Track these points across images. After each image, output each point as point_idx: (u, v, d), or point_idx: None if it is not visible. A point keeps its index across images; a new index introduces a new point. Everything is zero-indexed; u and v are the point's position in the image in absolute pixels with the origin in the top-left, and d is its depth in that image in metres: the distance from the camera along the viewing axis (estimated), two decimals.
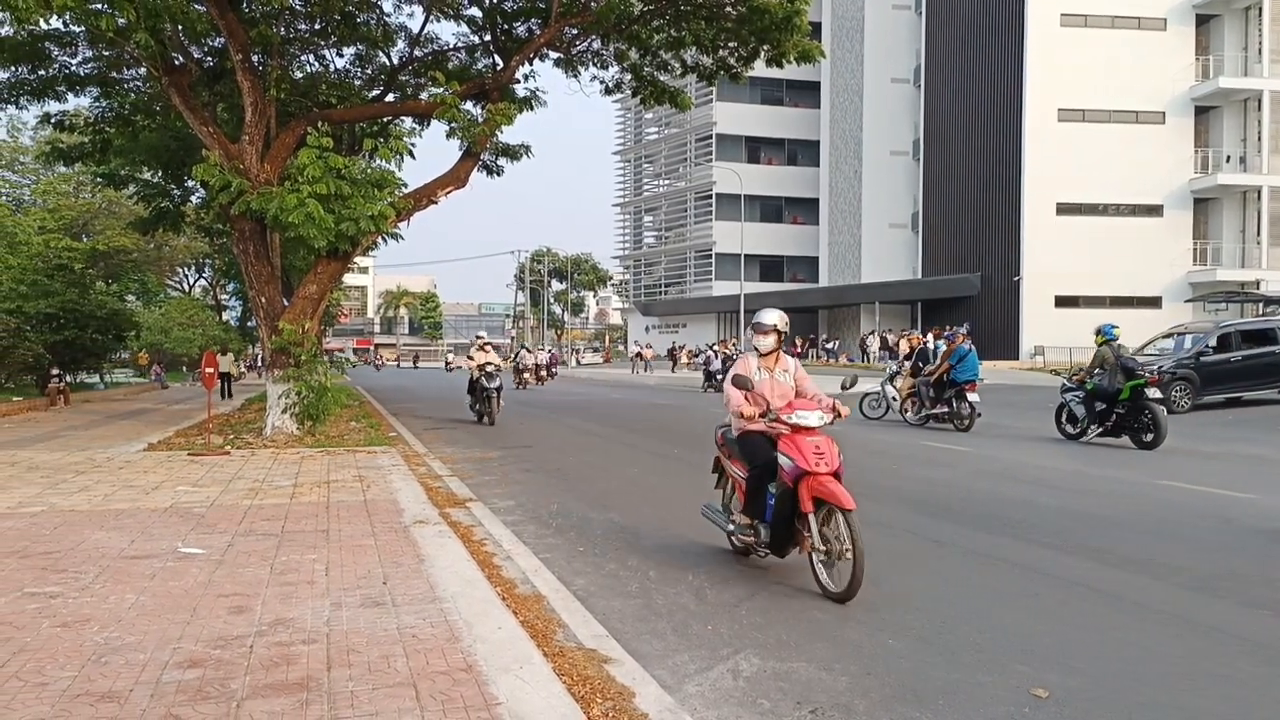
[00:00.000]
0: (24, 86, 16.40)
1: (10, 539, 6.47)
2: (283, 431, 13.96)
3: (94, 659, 3.98)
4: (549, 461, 12.20)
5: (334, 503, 8.18)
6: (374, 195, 13.64)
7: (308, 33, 17.51)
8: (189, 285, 58.38)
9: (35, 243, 35.09)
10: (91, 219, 42.81)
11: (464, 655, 4.10)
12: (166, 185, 22.42)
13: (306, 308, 14.41)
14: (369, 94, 19.16)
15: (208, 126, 14.18)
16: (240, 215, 13.75)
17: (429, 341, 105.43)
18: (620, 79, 19.83)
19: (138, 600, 4.92)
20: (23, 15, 10.59)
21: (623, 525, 7.73)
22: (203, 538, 6.57)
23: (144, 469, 10.47)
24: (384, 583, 5.34)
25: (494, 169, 19.81)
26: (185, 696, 3.58)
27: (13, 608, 4.75)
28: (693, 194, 67.00)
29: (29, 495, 8.45)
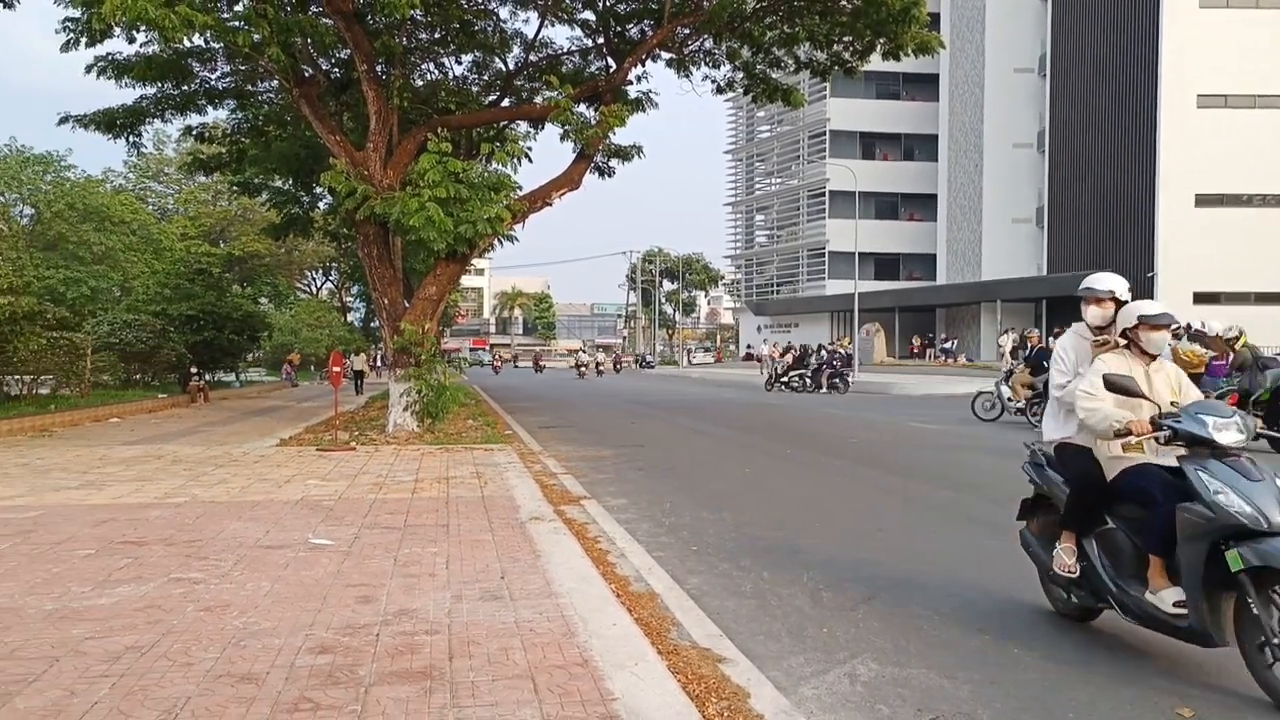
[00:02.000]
0: (169, 101, 17.51)
1: (158, 528, 6.88)
2: (404, 429, 14.42)
3: (234, 642, 4.19)
4: (661, 460, 12.22)
5: (453, 498, 8.40)
6: (491, 198, 13.96)
7: (428, 42, 18.07)
8: (317, 288, 61.09)
9: (178, 249, 37.42)
10: (228, 225, 45.33)
11: (580, 650, 4.14)
12: (297, 192, 23.52)
13: (426, 309, 14.85)
14: (486, 99, 19.63)
15: (335, 135, 14.79)
16: (365, 220, 14.28)
17: (543, 342, 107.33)
18: (732, 77, 19.73)
19: (272, 588, 5.15)
20: (169, 34, 11.27)
21: (736, 525, 7.67)
22: (331, 530, 6.84)
23: (276, 463, 10.98)
24: (502, 577, 5.44)
25: (606, 170, 20.01)
26: (317, 681, 3.72)
27: (161, 592, 5.04)
28: (805, 192, 66.12)
29: (174, 487, 8.97)
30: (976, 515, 8.13)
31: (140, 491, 8.60)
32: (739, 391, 31.85)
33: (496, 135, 19.11)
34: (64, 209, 30.70)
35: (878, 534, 7.35)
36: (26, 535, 6.53)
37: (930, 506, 8.73)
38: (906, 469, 11.21)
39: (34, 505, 7.81)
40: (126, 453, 11.88)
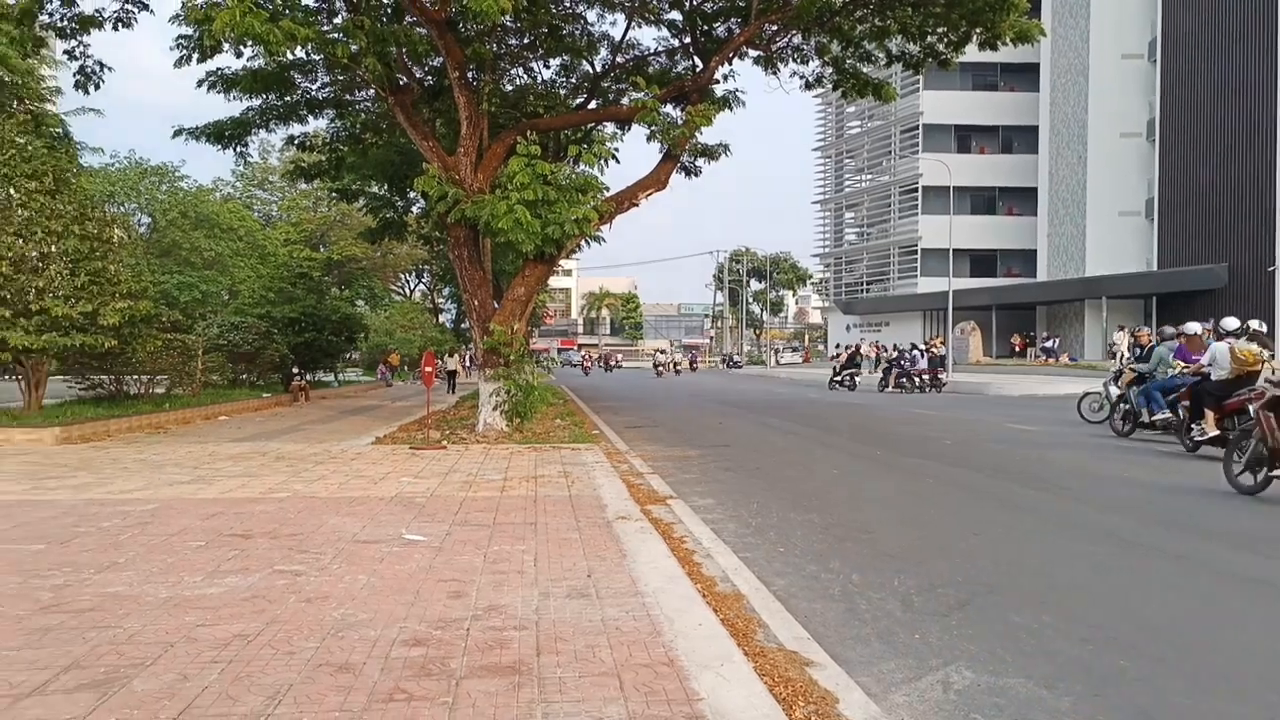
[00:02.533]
0: (273, 112, 18.23)
1: (263, 521, 7.18)
2: (493, 428, 14.69)
3: (333, 633, 4.34)
4: (748, 461, 12.15)
5: (541, 497, 8.51)
6: (578, 200, 14.09)
7: (517, 47, 18.34)
8: (410, 290, 62.70)
9: (281, 254, 38.92)
10: (327, 230, 46.91)
11: (665, 649, 4.15)
12: (391, 197, 24.21)
13: (515, 309, 15.09)
14: (573, 102, 19.83)
15: (427, 141, 15.16)
16: (455, 223, 14.59)
17: (630, 342, 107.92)
18: (821, 73, 19.46)
19: (368, 581, 5.32)
20: (273, 47, 11.72)
21: (824, 527, 7.57)
22: (424, 526, 7.02)
23: (372, 461, 11.32)
24: (588, 575, 5.49)
25: (693, 170, 19.98)
26: (411, 672, 3.82)
27: (266, 583, 5.26)
28: (897, 188, 64.83)
29: (277, 482, 9.33)
30: (1080, 521, 7.85)
31: (246, 486, 8.98)
32: (826, 391, 31.42)
33: (584, 137, 19.30)
34: (178, 217, 32.24)
35: (973, 538, 7.16)
36: (144, 526, 6.89)
37: (1029, 511, 8.46)
38: (1004, 472, 10.89)
39: (151, 498, 8.23)
40: (234, 449, 12.41)
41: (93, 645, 4.11)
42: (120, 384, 17.33)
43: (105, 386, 17.02)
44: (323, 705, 3.46)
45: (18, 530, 6.71)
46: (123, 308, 14.03)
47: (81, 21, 14.47)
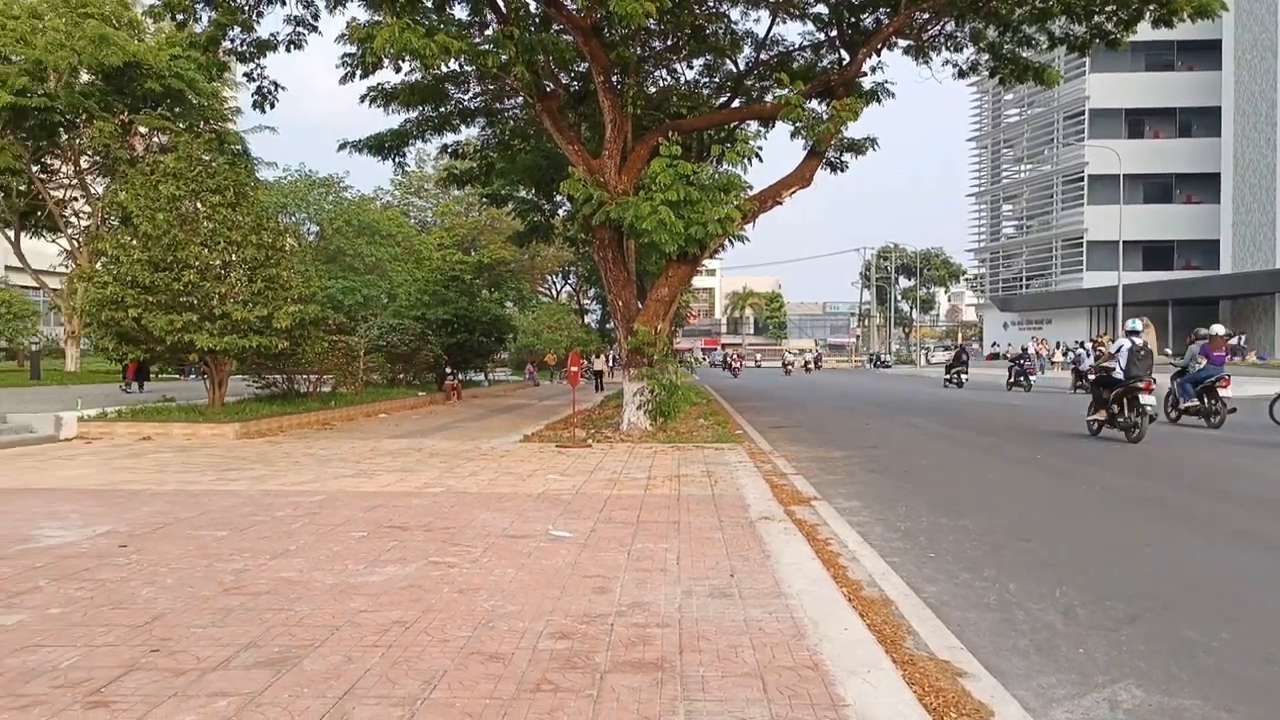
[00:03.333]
0: (428, 123, 19.08)
1: (419, 515, 7.51)
2: (637, 427, 14.84)
3: (483, 623, 4.49)
4: (896, 463, 11.81)
5: (684, 496, 8.54)
6: (721, 199, 14.06)
7: (661, 49, 18.47)
8: (556, 291, 64.20)
9: (435, 258, 40.62)
10: (478, 235, 48.60)
11: (810, 653, 4.08)
12: (539, 201, 24.85)
13: (659, 310, 15.20)
14: (716, 102, 19.81)
15: (573, 145, 15.49)
16: (600, 224, 14.83)
17: (774, 341, 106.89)
18: (976, 60, 18.68)
19: (517, 575, 5.47)
20: (429, 61, 12.25)
21: (978, 533, 7.26)
22: (569, 522, 7.17)
23: (520, 458, 11.65)
24: (731, 575, 5.47)
25: (839, 165, 19.59)
26: (557, 664, 3.91)
27: (422, 574, 5.50)
28: (1060, 177, 61.48)
29: (431, 478, 9.74)
30: (1269, 534, 7.23)
31: (403, 481, 9.42)
32: (979, 392, 30.16)
33: (727, 136, 19.23)
34: (342, 225, 34.18)
35: (1144, 550, 6.71)
36: (313, 516, 7.33)
37: (1207, 522, 7.86)
38: (1179, 478, 10.15)
39: (319, 490, 8.75)
40: (392, 446, 13.04)
41: (268, 626, 4.40)
42: (291, 383, 18.50)
43: (278, 385, 18.21)
44: (474, 692, 3.58)
45: (204, 517, 7.27)
46: (294, 311, 14.97)
47: (259, 45, 15.54)
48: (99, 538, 6.42)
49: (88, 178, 28.26)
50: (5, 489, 8.69)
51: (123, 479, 9.39)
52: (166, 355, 15.46)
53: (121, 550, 6.02)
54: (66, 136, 26.48)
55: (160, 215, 14.40)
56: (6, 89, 23.29)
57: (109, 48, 24.05)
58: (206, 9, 14.69)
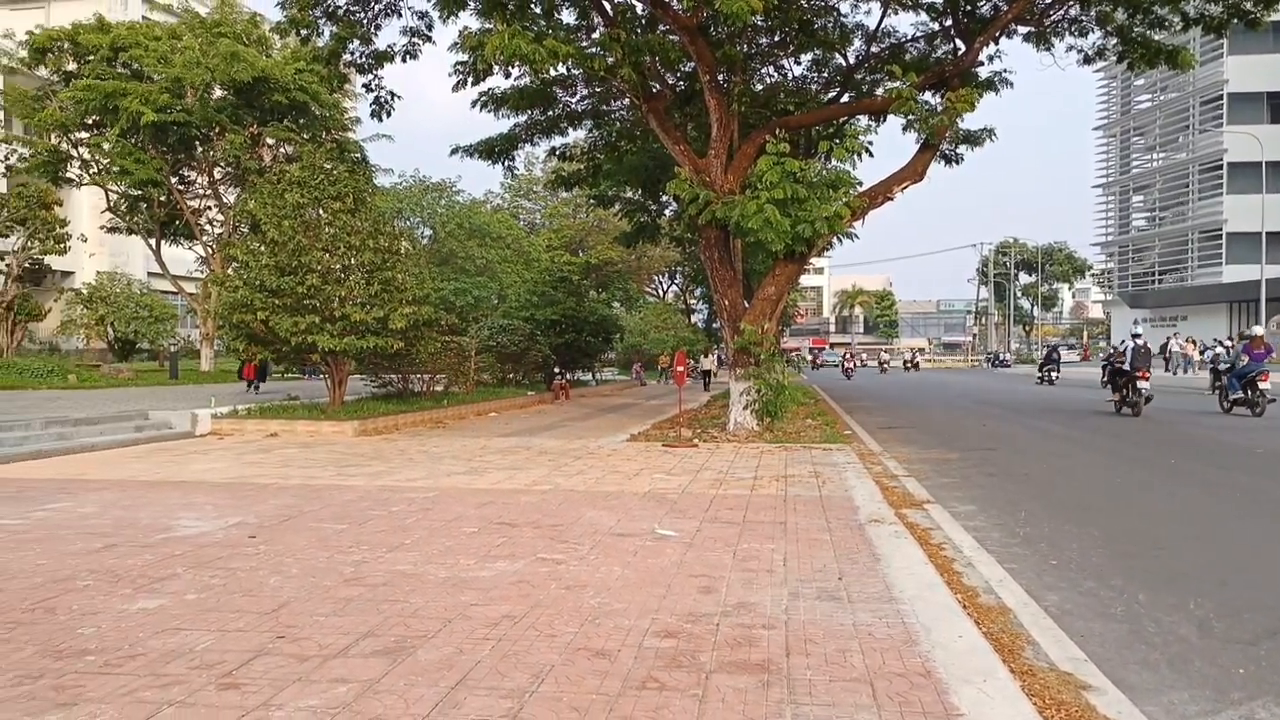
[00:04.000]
0: (537, 126, 19.44)
1: (527, 511, 7.65)
2: (744, 427, 14.74)
3: (590, 620, 4.54)
4: (1014, 465, 11.38)
5: (791, 496, 8.44)
6: (829, 196, 13.84)
7: (768, 46, 18.31)
8: (663, 291, 64.38)
9: (544, 259, 41.29)
10: (585, 236, 49.18)
11: (922, 660, 3.97)
12: (645, 201, 24.97)
13: (765, 309, 15.07)
14: (825, 97, 19.50)
15: (679, 145, 15.50)
16: (706, 224, 14.80)
17: (885, 340, 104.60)
18: (1103, 45, 17.84)
19: (622, 573, 5.51)
20: (538, 66, 12.48)
21: (1104, 540, 6.93)
22: (675, 522, 7.17)
23: (626, 457, 11.73)
24: (839, 578, 5.37)
25: (954, 158, 19.02)
26: (662, 662, 3.92)
27: (530, 569, 5.60)
28: (1196, 166, 58.07)
29: (539, 476, 9.91)
30: None
31: (512, 479, 9.61)
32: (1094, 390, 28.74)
33: (835, 132, 18.92)
34: (454, 228, 35.13)
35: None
36: (426, 512, 7.56)
37: None
38: None
39: (432, 487, 9.01)
40: (502, 444, 13.32)
41: (385, 616, 4.56)
42: (406, 382, 19.11)
43: (394, 385, 18.84)
44: (581, 687, 3.62)
45: (326, 511, 7.58)
46: (409, 313, 15.46)
47: (376, 57, 16.13)
48: (230, 529, 6.77)
49: (220, 188, 29.86)
50: (148, 481, 9.27)
51: (252, 473, 9.88)
52: (291, 355, 16.18)
53: (251, 541, 6.34)
54: (202, 149, 28.06)
55: (286, 222, 15.09)
56: (149, 106, 24.82)
57: (240, 64, 25.37)
58: (328, 24, 15.34)
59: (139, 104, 24.72)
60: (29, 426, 12.11)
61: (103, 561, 5.67)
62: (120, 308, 34.64)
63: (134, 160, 26.10)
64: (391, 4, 15.60)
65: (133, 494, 8.40)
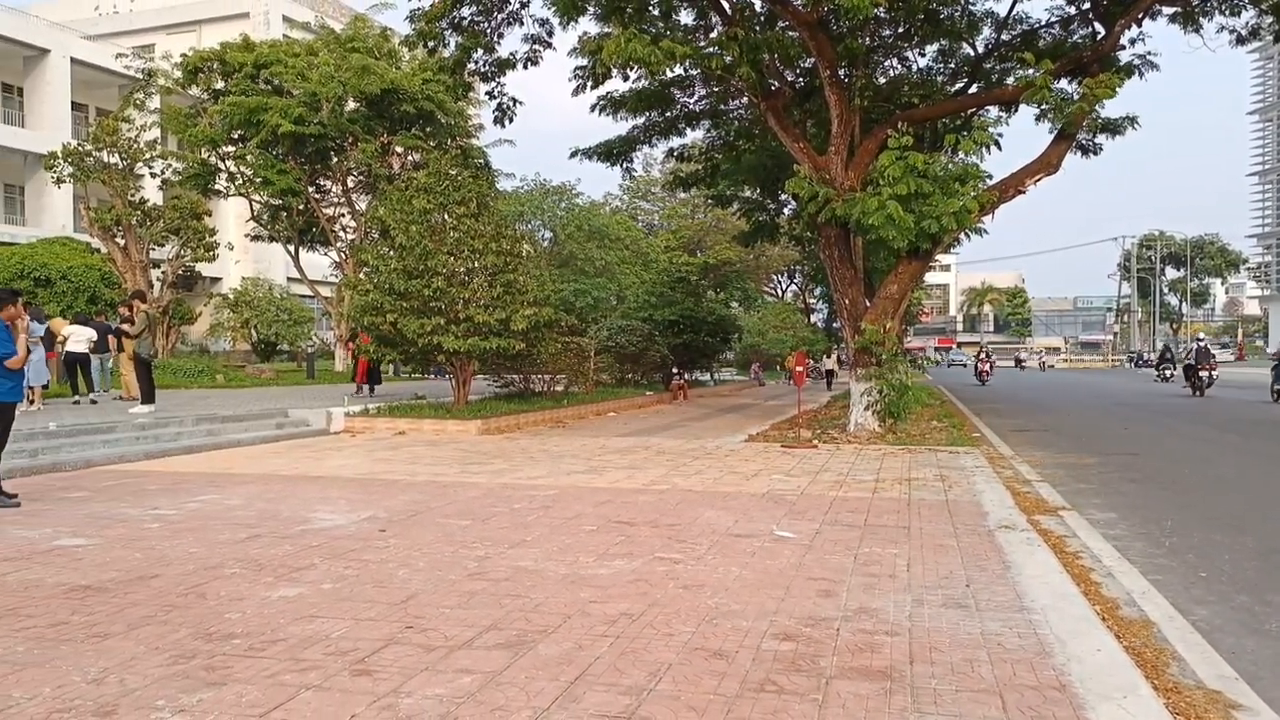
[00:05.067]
0: (655, 128, 19.54)
1: (645, 510, 7.69)
2: (865, 428, 14.43)
3: (707, 620, 4.52)
4: (1159, 472, 10.75)
5: (915, 500, 8.21)
6: (955, 191, 13.40)
7: (891, 38, 17.86)
8: (782, 290, 63.71)
9: (662, 260, 41.48)
10: (703, 236, 49.14)
11: (1056, 673, 3.79)
12: (763, 200, 24.77)
13: (888, 308, 14.71)
14: (951, 88, 18.89)
15: (798, 143, 15.29)
16: (826, 222, 14.55)
17: (1016, 340, 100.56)
18: (1258, 24, 16.64)
19: (740, 574, 5.47)
20: (655, 67, 12.55)
21: (1261, 552, 6.46)
22: (793, 523, 7.08)
23: (744, 458, 11.65)
24: (966, 585, 5.19)
25: (1091, 148, 18.10)
26: (781, 666, 3.86)
27: (648, 568, 5.62)
28: None
29: (657, 475, 9.95)
30: None
31: (631, 478, 9.68)
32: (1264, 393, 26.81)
33: (963, 124, 18.30)
34: (574, 230, 35.71)
35: None
36: (546, 509, 7.70)
37: None
38: None
39: (552, 485, 9.18)
40: (620, 443, 13.44)
41: (507, 611, 4.66)
42: (527, 382, 19.53)
43: (515, 384, 19.28)
44: (698, 687, 3.61)
45: (451, 507, 7.82)
46: (530, 314, 15.80)
47: (499, 65, 16.55)
48: (362, 522, 7.06)
49: (353, 195, 31.23)
50: (287, 476, 9.77)
51: (381, 470, 10.29)
52: (418, 356, 16.76)
53: (381, 535, 6.59)
54: (336, 159, 29.41)
55: (413, 227, 15.65)
56: (288, 119, 26.19)
57: (371, 77, 26.47)
58: (454, 35, 15.83)
59: (278, 117, 26.12)
60: (182, 423, 12.95)
61: (247, 551, 6.01)
62: (262, 311, 36.69)
63: (275, 171, 27.59)
64: (514, 13, 15.97)
65: (274, 488, 8.87)
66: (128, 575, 5.35)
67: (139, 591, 4.99)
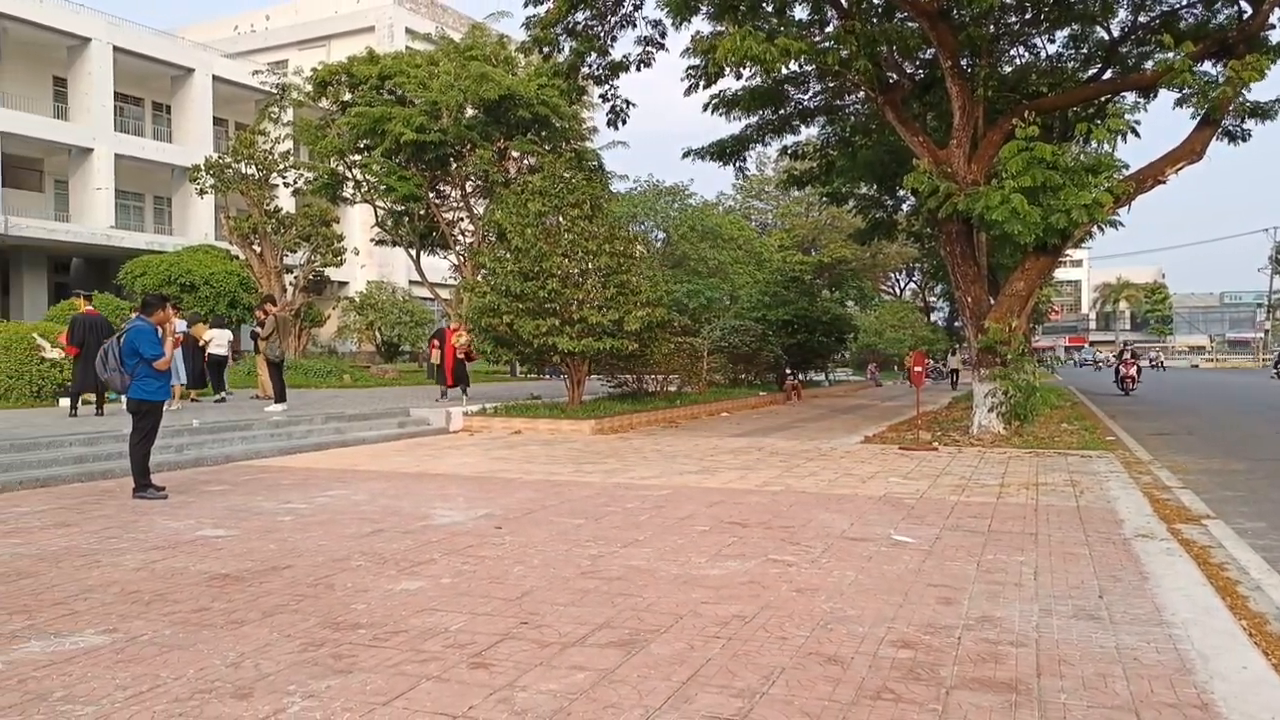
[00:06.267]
0: (769, 126, 19.34)
1: (758, 512, 7.61)
2: (989, 430, 13.93)
3: (821, 624, 4.43)
4: None
5: (1042, 506, 7.86)
6: (1087, 182, 12.78)
7: (1017, 25, 17.17)
8: (899, 289, 62.14)
9: (775, 259, 41.09)
10: (818, 234, 48.42)
11: (1197, 691, 3.55)
12: (880, 197, 24.21)
13: (1013, 305, 14.15)
14: (1084, 75, 18.02)
15: (917, 136, 14.87)
16: (947, 218, 14.10)
17: (1156, 338, 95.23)
18: None
19: (856, 578, 5.35)
20: (769, 65, 12.42)
21: None
22: (912, 528, 6.88)
23: (860, 459, 11.40)
24: (1099, 596, 4.93)
25: (1239, 134, 16.95)
26: (898, 674, 3.75)
27: (761, 570, 5.56)
28: None
29: (770, 477, 9.84)
30: None
31: (744, 479, 9.60)
32: None
33: (1096, 112, 17.44)
34: (687, 231, 35.72)
35: None
36: (659, 509, 7.72)
37: None
38: None
39: (664, 485, 9.19)
40: (733, 444, 13.36)
41: (619, 609, 4.69)
42: (640, 382, 19.64)
43: (628, 385, 19.42)
44: (812, 692, 3.54)
45: (565, 506, 7.93)
46: (642, 315, 15.88)
47: (612, 68, 16.68)
48: (479, 519, 7.24)
49: (471, 200, 32.07)
50: (409, 473, 10.11)
51: (498, 468, 10.52)
52: (533, 356, 17.09)
53: (497, 531, 6.74)
54: (455, 165, 30.26)
55: (529, 230, 15.96)
56: (410, 128, 27.11)
57: (488, 84, 27.13)
58: (568, 40, 16.04)
59: (401, 126, 27.06)
60: (312, 421, 13.56)
61: (372, 545, 6.24)
62: (386, 314, 38.11)
63: (397, 178, 28.60)
64: (627, 15, 16.07)
65: (396, 484, 9.19)
66: (262, 565, 5.63)
67: (273, 581, 5.25)
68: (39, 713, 3.33)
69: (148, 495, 8.10)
